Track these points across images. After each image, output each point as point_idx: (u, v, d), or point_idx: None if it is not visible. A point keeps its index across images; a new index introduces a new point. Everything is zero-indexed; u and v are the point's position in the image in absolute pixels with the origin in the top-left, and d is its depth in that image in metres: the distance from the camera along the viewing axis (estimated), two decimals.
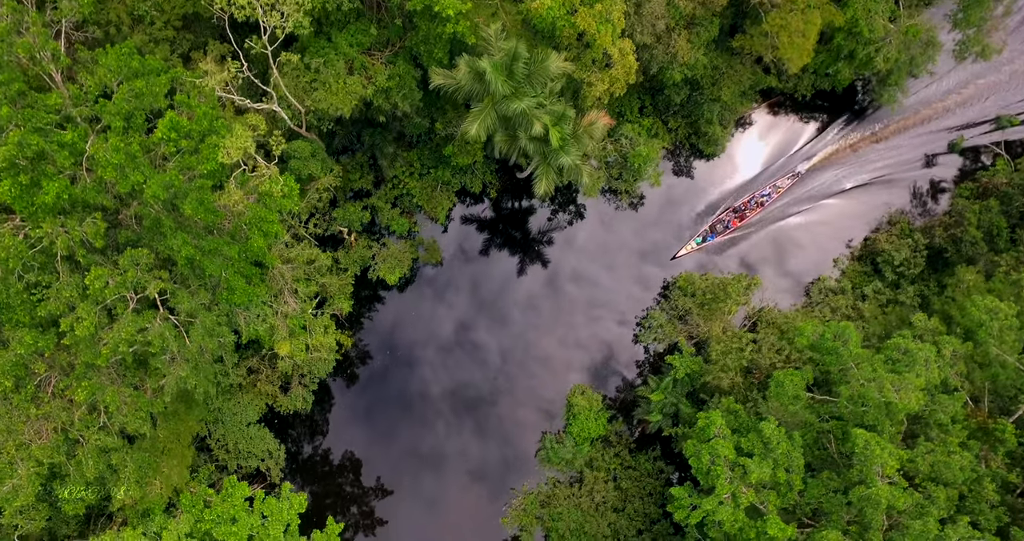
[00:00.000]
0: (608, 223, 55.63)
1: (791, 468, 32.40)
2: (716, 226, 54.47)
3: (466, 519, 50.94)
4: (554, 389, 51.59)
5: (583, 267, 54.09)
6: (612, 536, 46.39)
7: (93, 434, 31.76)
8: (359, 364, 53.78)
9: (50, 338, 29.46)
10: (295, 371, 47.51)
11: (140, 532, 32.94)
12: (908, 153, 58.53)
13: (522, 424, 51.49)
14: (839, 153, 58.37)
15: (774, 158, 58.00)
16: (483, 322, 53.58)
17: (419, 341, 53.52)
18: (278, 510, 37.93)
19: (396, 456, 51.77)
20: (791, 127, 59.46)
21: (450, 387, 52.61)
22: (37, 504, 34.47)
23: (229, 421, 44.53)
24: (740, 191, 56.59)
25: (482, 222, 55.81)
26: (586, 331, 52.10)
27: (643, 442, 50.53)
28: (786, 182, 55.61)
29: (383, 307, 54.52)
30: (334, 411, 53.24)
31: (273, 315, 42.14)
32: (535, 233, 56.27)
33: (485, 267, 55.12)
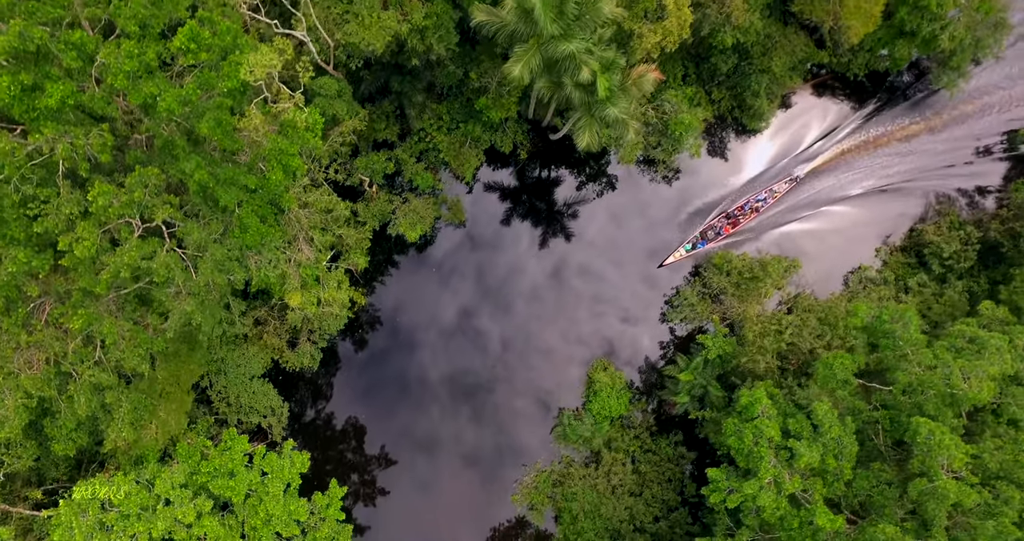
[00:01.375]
0: (618, 218, 52.05)
1: (841, 455, 29.67)
2: (707, 232, 50.70)
3: (457, 500, 48.55)
4: (553, 381, 48.99)
5: (590, 261, 50.84)
6: (628, 521, 43.83)
7: (87, 369, 29.20)
8: (368, 329, 51.19)
9: (46, 259, 26.82)
10: (304, 325, 44.89)
11: (132, 478, 30.50)
12: (925, 160, 54.43)
13: (519, 414, 48.86)
14: (843, 156, 54.28)
15: (777, 158, 53.99)
16: (491, 299, 50.74)
17: (430, 315, 50.96)
18: (279, 468, 35.45)
19: (396, 428, 49.50)
20: (798, 127, 55.36)
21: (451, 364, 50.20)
22: (25, 441, 32.04)
23: (232, 373, 41.99)
24: (738, 193, 52.63)
25: (504, 190, 52.81)
26: (589, 326, 49.30)
27: (665, 426, 47.90)
28: (783, 187, 51.85)
29: (395, 275, 51.82)
30: (339, 375, 50.76)
31: (286, 262, 39.44)
32: (560, 205, 53.17)
33: (501, 239, 51.97)
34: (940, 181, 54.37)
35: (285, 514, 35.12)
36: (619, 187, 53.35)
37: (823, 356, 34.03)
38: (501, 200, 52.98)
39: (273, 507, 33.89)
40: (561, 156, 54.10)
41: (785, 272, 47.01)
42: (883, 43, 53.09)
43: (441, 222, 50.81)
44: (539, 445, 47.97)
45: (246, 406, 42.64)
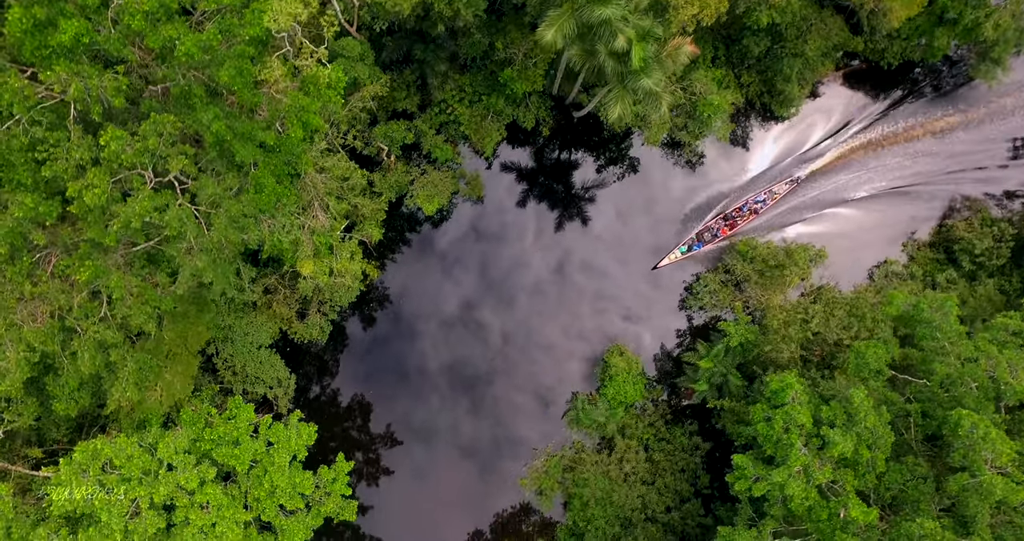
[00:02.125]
0: (624, 215, 50.22)
1: (875, 446, 28.34)
2: (704, 234, 48.72)
3: (455, 488, 47.40)
4: (554, 376, 47.57)
5: (594, 257, 49.08)
6: (640, 510, 42.62)
7: (92, 325, 27.98)
8: (377, 307, 49.88)
9: (54, 206, 25.57)
10: (315, 296, 43.65)
11: (134, 441, 29.33)
12: (939, 163, 52.17)
13: (517, 407, 47.54)
14: (850, 155, 52.11)
15: (783, 156, 51.96)
16: (494, 291, 49.23)
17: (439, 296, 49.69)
18: (285, 438, 34.27)
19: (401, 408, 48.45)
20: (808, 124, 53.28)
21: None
22: (26, 398, 30.90)
23: (239, 341, 40.79)
24: (739, 192, 50.64)
25: (522, 169, 51.29)
26: (591, 323, 47.81)
27: (680, 415, 46.65)
28: (783, 188, 49.77)
29: (401, 261, 50.40)
30: (346, 353, 49.52)
31: (299, 229, 38.18)
32: (577, 189, 51.50)
33: (506, 231, 50.09)
34: (953, 186, 52.16)
35: (290, 486, 33.97)
36: (628, 183, 51.30)
37: (855, 344, 32.66)
38: (518, 180, 51.53)
39: (278, 478, 32.74)
40: (583, 135, 52.62)
41: (811, 261, 45.59)
42: (920, 31, 51.40)
43: (459, 197, 49.46)
44: (538, 439, 46.87)
45: (252, 376, 41.46)
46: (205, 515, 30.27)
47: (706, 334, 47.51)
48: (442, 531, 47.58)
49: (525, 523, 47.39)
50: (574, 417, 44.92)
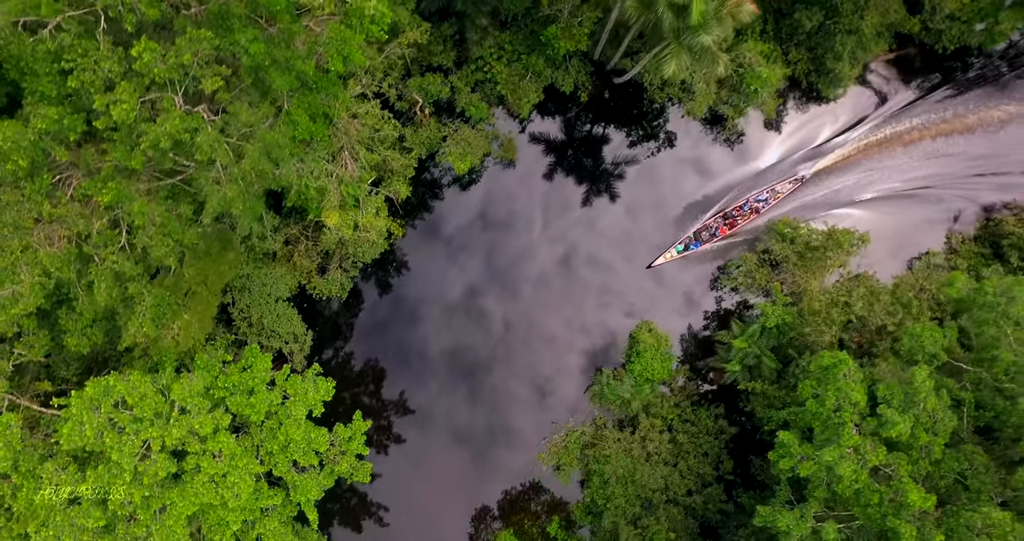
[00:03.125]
0: (633, 211, 47.98)
1: (935, 430, 26.64)
2: (701, 233, 46.33)
3: (447, 476, 46.03)
4: (553, 367, 45.90)
5: (600, 252, 46.93)
6: (661, 490, 41.08)
7: (111, 254, 26.39)
8: (395, 273, 48.11)
9: (79, 121, 23.90)
10: (338, 250, 42.05)
11: (148, 380, 27.79)
12: (955, 166, 49.07)
13: (514, 397, 45.89)
14: (857, 155, 49.21)
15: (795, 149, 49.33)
16: (499, 279, 47.40)
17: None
18: (303, 391, 32.74)
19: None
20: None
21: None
22: (38, 331, 29.40)
23: (257, 292, 39.23)
24: (742, 188, 48.13)
25: (553, 138, 49.22)
26: (593, 317, 45.92)
27: (706, 397, 44.99)
28: (787, 187, 47.25)
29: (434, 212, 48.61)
30: (363, 315, 47.91)
31: (327, 176, 36.49)
32: (607, 163, 49.39)
33: (514, 220, 48.08)
34: (970, 191, 49.28)
35: (304, 442, 32.48)
36: (639, 180, 48.71)
37: (910, 326, 30.86)
38: (548, 149, 49.53)
39: (293, 431, 31.24)
40: (621, 105, 50.62)
41: (853, 246, 43.67)
42: (983, 15, 49.21)
43: (490, 159, 47.65)
44: (532, 430, 45.34)
45: (268, 329, 39.92)
46: (217, 464, 28.80)
47: (728, 323, 45.54)
48: (447, 507, 46.27)
49: (534, 502, 45.92)
50: (598, 392, 43.31)
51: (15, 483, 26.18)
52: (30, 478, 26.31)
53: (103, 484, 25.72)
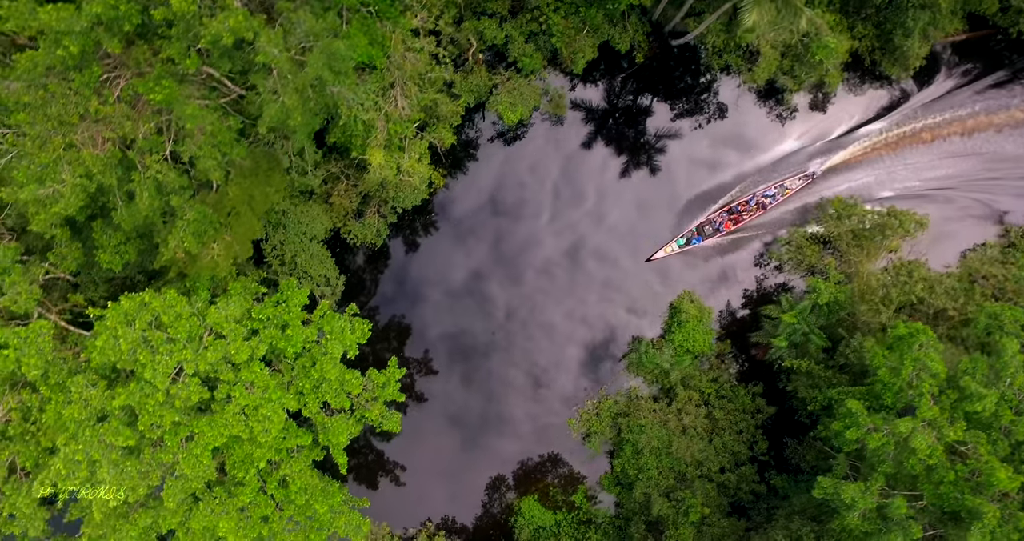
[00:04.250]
0: (644, 207, 45.43)
1: (1020, 409, 24.95)
2: (705, 228, 44.03)
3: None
4: (550, 357, 44.28)
5: (607, 246, 44.85)
6: (695, 465, 39.62)
7: (155, 162, 24.80)
8: (423, 233, 46.35)
9: (134, 10, 22.20)
10: (377, 194, 40.38)
11: (184, 300, 26.29)
12: (979, 167, 45.83)
13: (510, 383, 44.41)
14: (875, 151, 46.35)
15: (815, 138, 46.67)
16: (504, 264, 45.57)
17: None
18: (339, 330, 31.22)
19: None
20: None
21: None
22: (70, 243, 27.91)
23: (292, 229, 37.65)
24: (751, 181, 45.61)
25: (593, 111, 47.12)
26: (595, 310, 44.11)
27: (745, 374, 43.38)
28: (796, 183, 44.79)
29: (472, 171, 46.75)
30: (393, 267, 46.20)
31: (376, 111, 34.78)
32: (649, 135, 47.24)
33: (522, 208, 46.11)
34: (989, 195, 46.36)
35: (338, 382, 31.04)
36: (653, 178, 46.39)
37: (988, 306, 29.08)
38: (588, 117, 47.50)
39: (329, 368, 29.75)
40: (675, 70, 48.61)
41: (913, 227, 41.83)
42: None
43: (538, 114, 45.82)
44: (523, 417, 43.98)
45: (300, 269, 38.39)
46: (249, 395, 27.36)
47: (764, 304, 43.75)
48: (463, 473, 44.90)
49: (552, 474, 44.49)
50: (635, 360, 41.75)
51: (44, 395, 24.81)
52: (58, 391, 24.94)
53: (134, 402, 24.29)
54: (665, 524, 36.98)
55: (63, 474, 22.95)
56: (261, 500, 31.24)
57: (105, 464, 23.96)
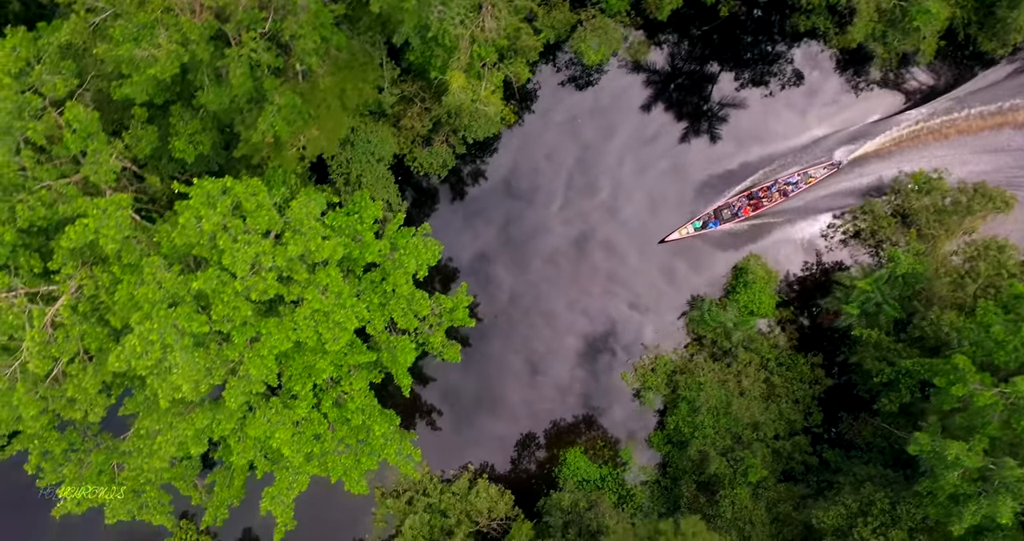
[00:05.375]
0: (655, 204, 43.36)
1: None
2: (722, 212, 42.00)
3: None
4: (547, 346, 43.05)
5: (616, 239, 42.99)
6: (752, 428, 38.31)
7: (252, 38, 23.29)
8: (470, 181, 44.51)
9: None
10: (448, 122, 38.81)
11: (265, 189, 24.85)
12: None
13: (507, 369, 43.22)
14: (910, 141, 43.76)
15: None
16: (511, 247, 43.93)
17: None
18: (413, 247, 29.85)
19: None
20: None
21: None
22: (147, 126, 26.52)
23: (360, 147, 36.15)
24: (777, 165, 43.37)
25: (655, 71, 45.10)
26: (598, 302, 42.60)
27: (806, 342, 41.90)
28: (821, 172, 42.59)
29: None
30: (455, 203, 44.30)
31: (464, 28, 33.10)
32: (712, 103, 45.19)
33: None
34: None
35: (407, 301, 29.75)
36: (667, 176, 44.25)
37: None
38: (657, 71, 45.52)
39: (402, 283, 28.43)
40: (757, 29, 46.54)
41: (1001, 205, 40.04)
42: None
43: (618, 58, 44.04)
44: (519, 402, 42.78)
45: (365, 190, 36.93)
46: (322, 299, 26.05)
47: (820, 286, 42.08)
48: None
49: (585, 436, 43.12)
50: (696, 318, 40.33)
51: (115, 275, 23.54)
52: (130, 272, 23.67)
53: (211, 288, 23.01)
54: (720, 484, 35.76)
55: (138, 351, 21.73)
56: (315, 417, 30.12)
57: (177, 349, 22.75)
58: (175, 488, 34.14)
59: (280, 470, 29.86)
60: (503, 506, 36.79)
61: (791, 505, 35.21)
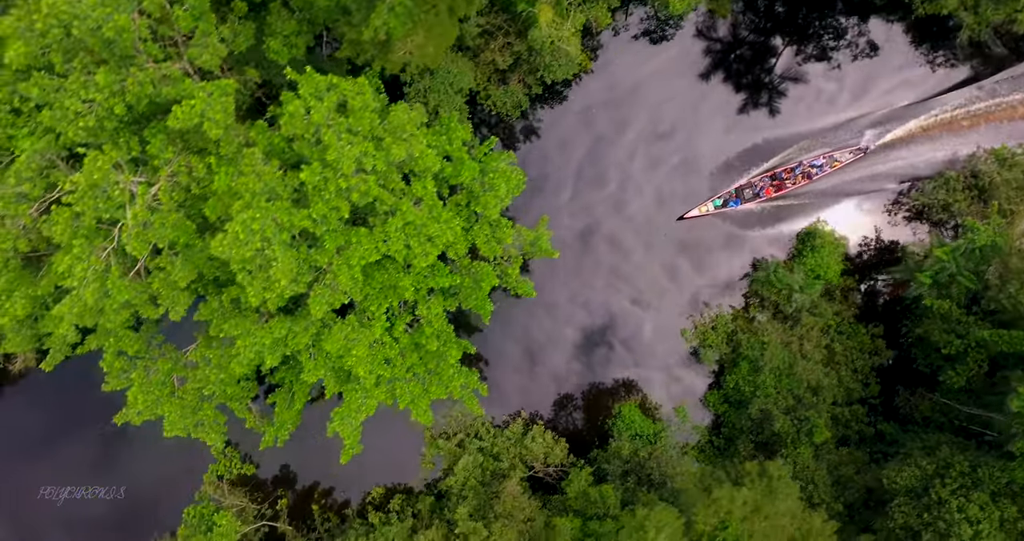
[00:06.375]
0: (663, 200, 42.03)
1: None
2: (744, 191, 41.13)
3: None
4: (544, 335, 42.02)
5: (622, 234, 41.93)
6: (811, 391, 37.64)
7: None
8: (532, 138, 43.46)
9: None
10: (528, 60, 37.78)
11: (371, 89, 23.93)
12: None
13: (505, 358, 41.97)
14: (942, 127, 42.51)
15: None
16: None
17: None
18: (502, 172, 28.93)
19: None
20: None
21: None
22: (246, 21, 25.55)
23: (440, 77, 35.15)
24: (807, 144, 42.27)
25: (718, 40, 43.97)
26: (599, 296, 41.73)
27: (868, 313, 41.15)
28: (847, 156, 41.59)
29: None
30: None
31: None
32: (774, 76, 44.02)
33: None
34: None
35: (490, 227, 28.96)
36: (680, 171, 42.99)
37: None
38: (709, 50, 44.28)
39: (492, 206, 27.61)
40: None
41: None
42: None
43: (696, 13, 42.96)
44: (513, 390, 41.49)
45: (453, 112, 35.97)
46: (415, 211, 25.22)
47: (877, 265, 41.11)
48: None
49: (623, 399, 42.38)
50: (762, 279, 39.50)
51: (211, 166, 22.66)
52: (226, 163, 22.80)
53: (314, 183, 22.15)
54: (782, 443, 35.11)
55: (241, 238, 20.90)
56: (387, 341, 29.39)
57: (276, 243, 21.93)
58: (229, 410, 33.60)
59: (349, 391, 29.15)
60: (559, 452, 36.13)
61: (853, 469, 34.57)
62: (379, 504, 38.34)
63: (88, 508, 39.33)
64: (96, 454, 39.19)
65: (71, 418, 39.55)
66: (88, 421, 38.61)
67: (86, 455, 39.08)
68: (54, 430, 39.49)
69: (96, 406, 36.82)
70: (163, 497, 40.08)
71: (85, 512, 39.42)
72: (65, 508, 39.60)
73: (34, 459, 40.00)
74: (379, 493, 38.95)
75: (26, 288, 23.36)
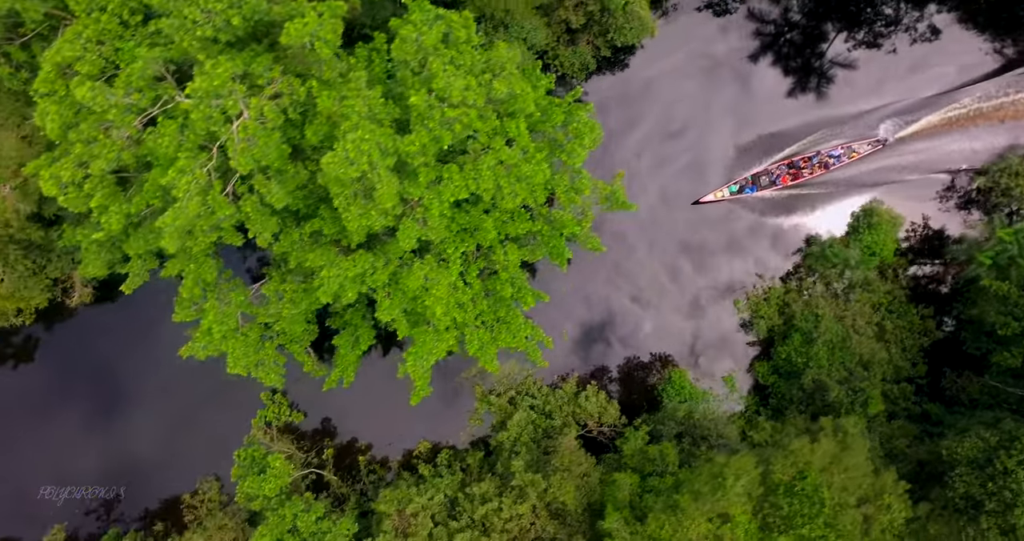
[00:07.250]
0: (669, 201, 42.14)
1: None
2: (760, 178, 41.05)
3: None
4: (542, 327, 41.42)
5: (627, 231, 41.76)
6: (861, 366, 37.72)
7: None
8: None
9: None
10: (600, 21, 37.63)
11: (474, 24, 23.74)
12: None
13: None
14: (968, 120, 42.26)
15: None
16: None
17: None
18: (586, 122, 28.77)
19: None
20: None
21: None
22: None
23: (514, 32, 34.97)
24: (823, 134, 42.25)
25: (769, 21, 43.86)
26: (599, 291, 41.72)
27: (919, 293, 41.22)
28: (865, 147, 41.48)
29: None
30: None
31: None
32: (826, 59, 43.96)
33: None
34: None
35: (569, 179, 28.92)
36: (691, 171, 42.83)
37: None
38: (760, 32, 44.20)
39: (579, 154, 27.57)
40: None
41: None
42: None
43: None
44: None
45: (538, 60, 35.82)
46: (508, 150, 25.12)
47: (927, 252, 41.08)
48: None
49: (652, 374, 42.20)
50: (817, 253, 39.56)
51: (312, 89, 22.46)
52: (327, 87, 22.66)
53: (422, 108, 22.03)
54: (835, 413, 35.16)
55: (351, 157, 20.75)
56: (460, 286, 29.35)
57: (380, 167, 21.81)
58: (288, 353, 33.59)
59: (420, 334, 29.10)
60: (612, 412, 36.18)
61: (905, 442, 34.69)
62: (427, 458, 38.38)
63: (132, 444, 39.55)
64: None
65: (124, 353, 39.59)
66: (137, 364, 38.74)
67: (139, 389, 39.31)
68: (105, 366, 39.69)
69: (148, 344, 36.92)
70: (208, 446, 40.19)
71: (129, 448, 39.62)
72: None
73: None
74: (426, 447, 38.92)
75: (120, 204, 23.24)
